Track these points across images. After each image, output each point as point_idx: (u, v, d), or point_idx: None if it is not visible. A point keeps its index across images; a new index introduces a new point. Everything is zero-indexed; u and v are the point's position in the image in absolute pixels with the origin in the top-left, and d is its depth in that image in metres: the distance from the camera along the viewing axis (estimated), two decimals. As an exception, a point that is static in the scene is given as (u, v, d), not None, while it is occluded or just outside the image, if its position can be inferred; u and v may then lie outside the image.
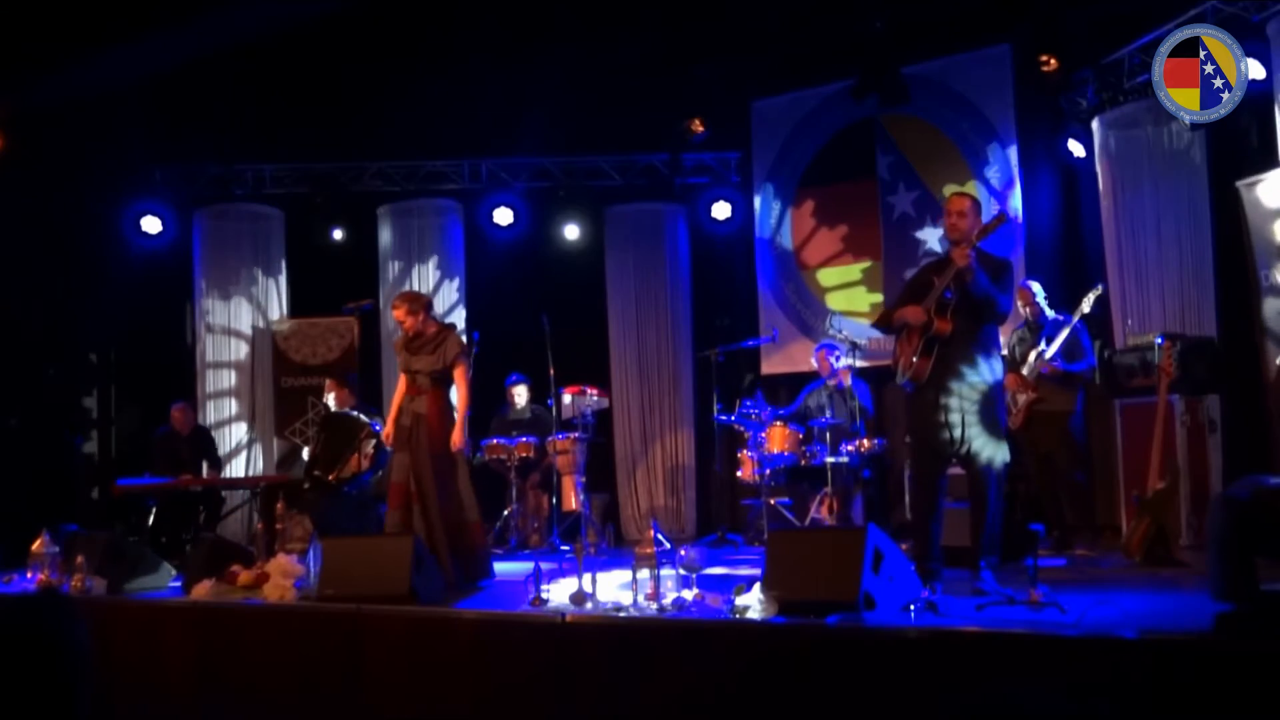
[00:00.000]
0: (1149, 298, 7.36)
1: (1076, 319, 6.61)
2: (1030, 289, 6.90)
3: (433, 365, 5.89)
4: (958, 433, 4.71)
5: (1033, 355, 6.67)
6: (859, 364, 7.92)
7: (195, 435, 8.81)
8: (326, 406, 7.78)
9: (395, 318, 6.11)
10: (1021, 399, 6.69)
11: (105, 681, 4.75)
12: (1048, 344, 6.62)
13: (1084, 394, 6.75)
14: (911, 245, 8.66)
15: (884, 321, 5.19)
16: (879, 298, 8.67)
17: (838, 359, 7.81)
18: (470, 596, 5.28)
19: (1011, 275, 4.98)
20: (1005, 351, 7.05)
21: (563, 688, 4.05)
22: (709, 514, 9.37)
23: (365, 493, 6.95)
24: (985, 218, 4.89)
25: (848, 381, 7.73)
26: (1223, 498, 3.90)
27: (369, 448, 6.86)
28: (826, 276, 9.13)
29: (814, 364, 8.03)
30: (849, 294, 8.98)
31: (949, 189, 8.52)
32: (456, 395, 6.06)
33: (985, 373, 4.76)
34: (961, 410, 4.71)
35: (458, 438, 5.86)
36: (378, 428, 6.78)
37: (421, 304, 6.06)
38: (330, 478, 6.78)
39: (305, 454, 7.87)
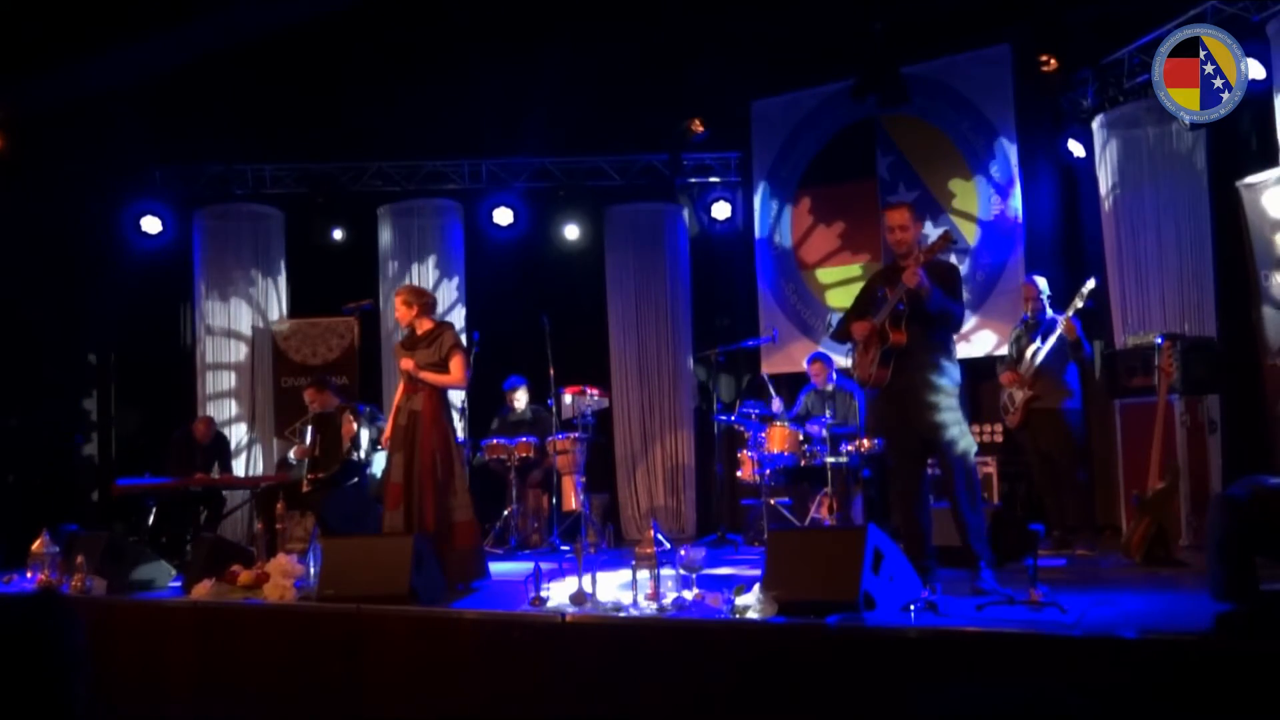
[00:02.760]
0: (1149, 298, 7.36)
1: (1070, 315, 6.60)
2: (1036, 285, 6.88)
3: (429, 359, 5.85)
4: (923, 429, 4.81)
5: (1029, 352, 6.67)
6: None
7: (214, 442, 8.84)
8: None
9: (395, 305, 6.13)
10: (1019, 397, 6.69)
11: (105, 681, 4.75)
12: (1043, 341, 6.61)
13: (1081, 388, 6.75)
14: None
15: (839, 334, 5.28)
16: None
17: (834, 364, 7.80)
18: (470, 596, 5.28)
19: (959, 279, 5.10)
20: (1006, 349, 7.10)
21: (563, 688, 4.05)
22: (709, 514, 9.35)
23: (365, 493, 6.95)
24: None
25: (845, 390, 7.71)
26: (1222, 498, 3.90)
27: (351, 426, 6.89)
28: (826, 275, 9.12)
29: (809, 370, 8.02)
30: (849, 290, 8.95)
31: (953, 184, 8.55)
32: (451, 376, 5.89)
33: (944, 375, 4.84)
34: (924, 410, 4.79)
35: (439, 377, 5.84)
36: (362, 409, 6.85)
37: (421, 299, 6.03)
38: (333, 474, 6.86)
39: (292, 453, 7.85)
